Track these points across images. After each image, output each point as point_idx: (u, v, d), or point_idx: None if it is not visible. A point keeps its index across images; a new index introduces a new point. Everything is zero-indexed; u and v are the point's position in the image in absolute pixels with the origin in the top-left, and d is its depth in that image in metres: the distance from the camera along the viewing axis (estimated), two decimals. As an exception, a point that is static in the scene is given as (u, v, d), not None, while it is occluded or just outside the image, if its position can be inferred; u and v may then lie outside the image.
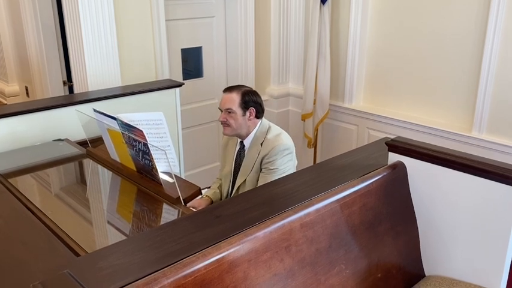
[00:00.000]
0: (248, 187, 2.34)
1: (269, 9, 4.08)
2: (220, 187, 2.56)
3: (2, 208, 1.85)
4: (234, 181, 2.44)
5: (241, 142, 2.40)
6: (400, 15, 3.46)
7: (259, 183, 2.29)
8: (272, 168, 2.27)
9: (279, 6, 4.06)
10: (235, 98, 2.29)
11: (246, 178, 2.34)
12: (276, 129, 2.37)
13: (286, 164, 2.29)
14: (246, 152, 2.38)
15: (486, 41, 2.97)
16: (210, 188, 2.60)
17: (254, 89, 2.34)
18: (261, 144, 2.31)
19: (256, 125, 2.35)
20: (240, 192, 2.38)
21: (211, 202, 2.46)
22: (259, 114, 2.35)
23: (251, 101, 2.31)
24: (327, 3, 3.60)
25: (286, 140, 2.32)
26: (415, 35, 3.39)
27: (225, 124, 2.33)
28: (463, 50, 3.16)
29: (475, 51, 3.09)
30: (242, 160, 2.39)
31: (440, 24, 3.24)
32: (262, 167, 2.31)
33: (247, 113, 2.30)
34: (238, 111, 2.29)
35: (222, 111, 2.33)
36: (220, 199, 2.54)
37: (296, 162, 2.40)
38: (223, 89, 4.02)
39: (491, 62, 2.98)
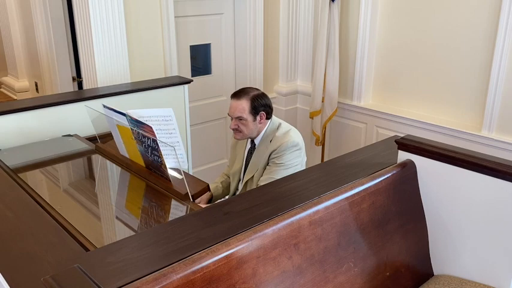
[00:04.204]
0: (255, 183, 2.34)
1: (278, 6, 4.07)
2: (223, 182, 2.56)
3: (13, 202, 1.86)
4: (243, 178, 2.44)
5: (252, 141, 2.40)
6: (410, 13, 3.44)
7: (264, 176, 2.30)
8: (278, 162, 2.27)
9: (288, 3, 4.05)
10: (244, 105, 2.27)
11: (254, 174, 2.34)
12: (285, 126, 2.37)
13: (294, 160, 2.29)
14: (256, 149, 2.38)
15: (497, 39, 2.95)
16: (213, 182, 2.60)
17: (262, 87, 2.34)
18: (270, 141, 2.32)
19: (266, 125, 2.36)
20: (247, 188, 2.39)
21: (212, 196, 2.47)
22: (269, 115, 2.35)
23: (260, 105, 2.29)
24: (336, 1, 3.58)
25: (295, 136, 2.32)
26: (424, 33, 3.37)
27: (236, 131, 2.32)
28: (473, 48, 3.13)
29: (486, 50, 3.06)
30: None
31: (451, 23, 3.21)
32: (269, 161, 2.31)
33: (258, 118, 2.30)
34: (249, 117, 2.28)
35: (232, 118, 2.32)
36: (225, 195, 2.54)
37: (305, 158, 2.40)
38: (231, 85, 4.07)
39: (502, 61, 2.95)
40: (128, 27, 3.13)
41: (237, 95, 2.32)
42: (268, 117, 2.35)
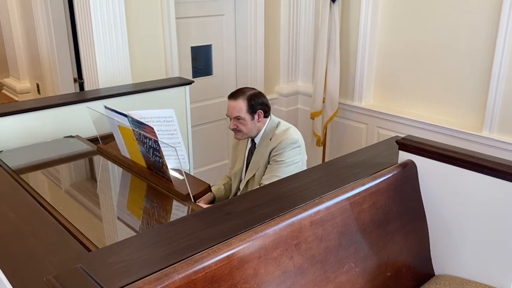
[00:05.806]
0: (257, 182, 2.35)
1: (279, 7, 4.08)
2: (226, 184, 2.57)
3: (15, 203, 1.87)
4: (244, 177, 2.45)
5: (253, 140, 2.41)
6: (411, 13, 3.44)
7: (266, 175, 2.31)
8: (279, 160, 2.29)
9: (288, 4, 4.06)
10: (241, 105, 2.29)
11: (255, 173, 2.35)
12: (284, 124, 2.40)
13: (294, 157, 2.30)
14: (256, 148, 2.39)
15: (498, 39, 2.95)
16: (216, 184, 2.61)
17: (263, 88, 2.35)
18: (270, 139, 2.33)
19: (265, 123, 2.37)
20: (249, 187, 2.40)
21: (214, 198, 2.48)
22: (267, 113, 2.37)
23: (257, 104, 2.32)
24: (337, 1, 3.59)
25: (294, 134, 2.34)
26: (425, 33, 3.37)
27: (236, 131, 2.34)
28: (474, 49, 3.14)
29: (487, 49, 3.07)
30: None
31: (451, 23, 3.22)
32: (270, 159, 2.32)
33: (256, 116, 2.32)
34: (247, 116, 2.30)
35: (230, 118, 2.34)
36: (227, 196, 2.55)
37: (306, 156, 2.41)
38: (232, 86, 4.08)
39: (503, 60, 2.95)
40: (129, 28, 3.14)
41: (234, 95, 2.34)
42: (266, 115, 2.36)
